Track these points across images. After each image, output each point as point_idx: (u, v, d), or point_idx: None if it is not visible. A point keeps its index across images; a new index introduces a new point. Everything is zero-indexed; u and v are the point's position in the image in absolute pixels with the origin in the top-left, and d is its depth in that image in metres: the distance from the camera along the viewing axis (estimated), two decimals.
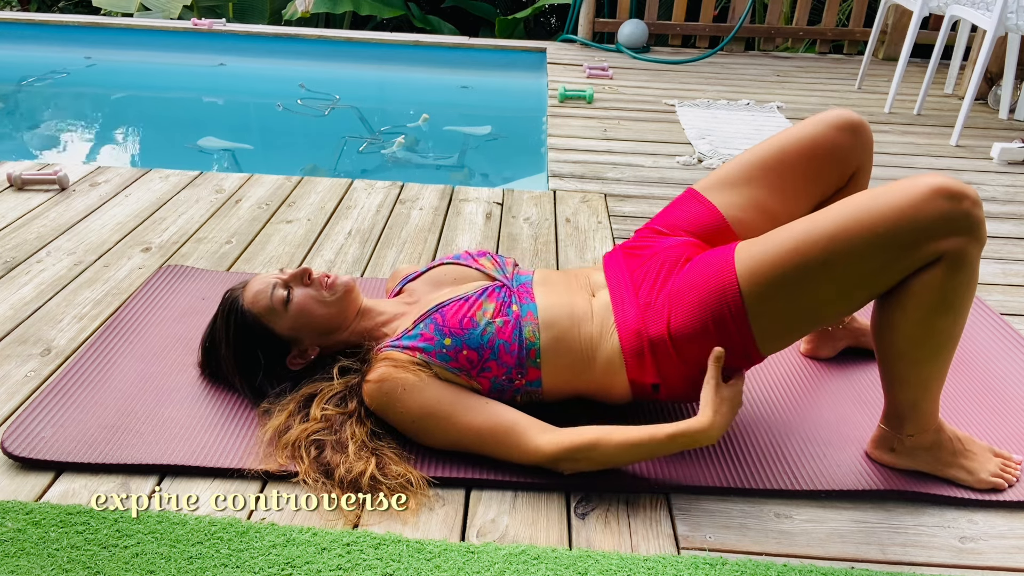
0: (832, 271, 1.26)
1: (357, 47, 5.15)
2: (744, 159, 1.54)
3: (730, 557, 1.24)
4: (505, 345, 1.40)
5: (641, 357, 1.39)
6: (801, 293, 1.29)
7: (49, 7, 6.53)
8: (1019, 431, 1.53)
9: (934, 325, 1.27)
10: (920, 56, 4.77)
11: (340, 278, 1.50)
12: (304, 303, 1.47)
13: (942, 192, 1.21)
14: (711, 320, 1.33)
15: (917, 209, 1.21)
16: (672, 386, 1.41)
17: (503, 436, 1.36)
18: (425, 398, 1.37)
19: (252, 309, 1.47)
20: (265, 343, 1.47)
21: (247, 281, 1.52)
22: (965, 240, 1.22)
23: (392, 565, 1.18)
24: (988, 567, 1.25)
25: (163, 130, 4.37)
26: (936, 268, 1.23)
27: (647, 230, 1.56)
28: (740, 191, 1.52)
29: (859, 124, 1.52)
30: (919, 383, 1.33)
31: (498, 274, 1.53)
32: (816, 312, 1.32)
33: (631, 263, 1.50)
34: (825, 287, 1.28)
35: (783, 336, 1.35)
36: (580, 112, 3.78)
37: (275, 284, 1.47)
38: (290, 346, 1.48)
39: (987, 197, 2.86)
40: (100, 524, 1.23)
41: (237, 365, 1.50)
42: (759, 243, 1.34)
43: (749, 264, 1.31)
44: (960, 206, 1.21)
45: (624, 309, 1.43)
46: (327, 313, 1.48)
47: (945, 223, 1.21)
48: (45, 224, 2.34)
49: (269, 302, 1.46)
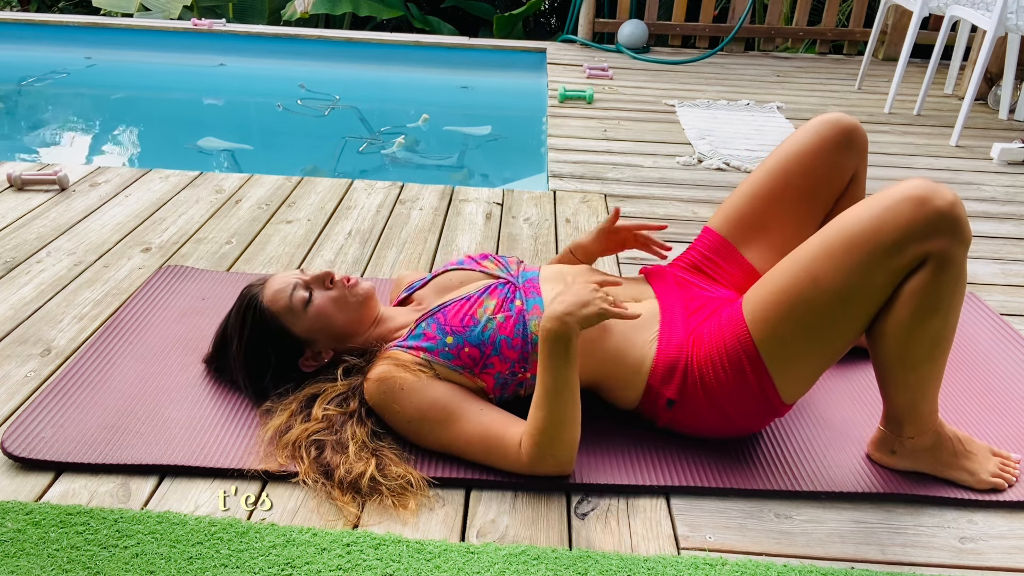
0: (825, 293, 1.27)
1: (357, 47, 5.16)
2: (750, 191, 1.58)
3: (730, 557, 1.24)
4: (507, 340, 1.40)
5: (672, 371, 1.41)
6: (805, 323, 1.30)
7: (49, 7, 6.53)
8: (1019, 431, 1.53)
9: (925, 327, 1.27)
10: (920, 56, 4.77)
11: (362, 284, 1.50)
12: (324, 307, 1.46)
13: (917, 196, 1.23)
14: (730, 367, 1.36)
15: (896, 215, 1.23)
16: (683, 411, 1.42)
17: (493, 445, 1.36)
18: (422, 399, 1.37)
19: (271, 307, 1.46)
20: (279, 342, 1.47)
21: (266, 279, 1.52)
22: (947, 240, 1.23)
23: (392, 565, 1.18)
24: (988, 567, 1.25)
25: (163, 130, 4.37)
26: (923, 271, 1.24)
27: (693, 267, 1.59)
28: (762, 241, 1.57)
29: (852, 129, 1.53)
30: (916, 385, 1.33)
31: (502, 273, 1.54)
32: (825, 340, 1.32)
33: (684, 292, 1.53)
34: (825, 312, 1.29)
35: (800, 375, 1.36)
36: (580, 112, 3.78)
37: (296, 284, 1.47)
38: (304, 348, 1.48)
39: (987, 197, 2.86)
40: (100, 524, 1.23)
41: (246, 362, 1.50)
42: (758, 288, 1.37)
43: (753, 307, 1.35)
44: (935, 207, 1.22)
45: (673, 322, 1.45)
46: (346, 320, 1.47)
47: (925, 225, 1.22)
48: (45, 224, 2.34)
49: (288, 302, 1.45)
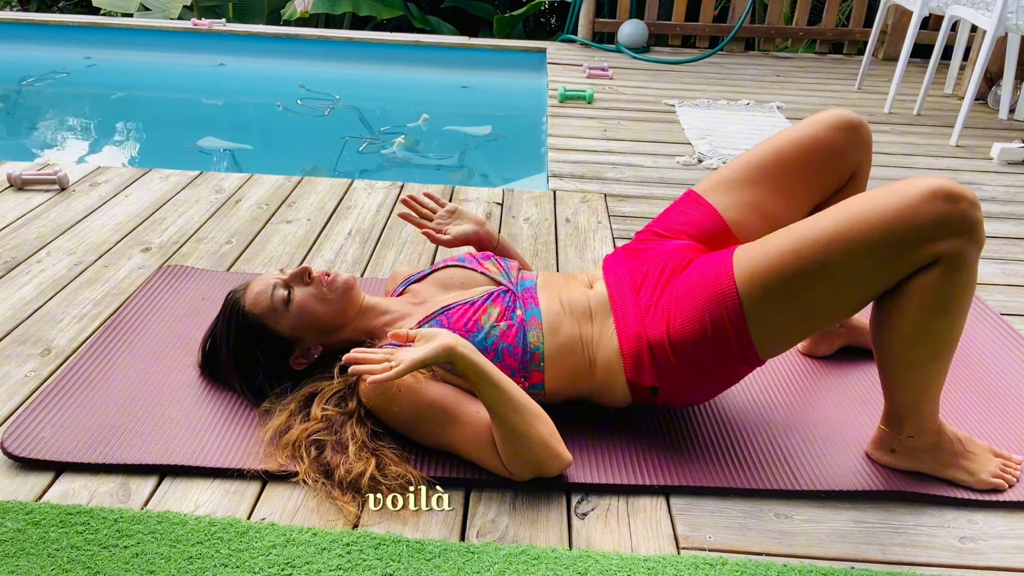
0: (829, 274, 1.26)
1: (357, 47, 5.15)
2: (743, 160, 1.54)
3: (730, 557, 1.24)
4: (509, 348, 1.40)
5: (640, 360, 1.39)
6: (799, 296, 1.29)
7: (49, 7, 6.53)
8: (1019, 431, 1.53)
9: (932, 327, 1.27)
10: (920, 56, 4.77)
11: (340, 276, 1.51)
12: (305, 302, 1.47)
13: (939, 194, 1.21)
14: (710, 325, 1.33)
15: (914, 211, 1.21)
16: (670, 390, 1.41)
17: (488, 445, 1.35)
18: (420, 400, 1.37)
19: (254, 311, 1.47)
20: (267, 344, 1.47)
21: (248, 283, 1.53)
22: (963, 242, 1.21)
23: (392, 565, 1.18)
24: (988, 567, 1.25)
25: (163, 130, 4.37)
26: (934, 270, 1.23)
27: (648, 232, 1.56)
28: (739, 193, 1.51)
29: (857, 123, 1.51)
30: (918, 385, 1.33)
31: (503, 278, 1.53)
32: (815, 315, 1.32)
33: (631, 263, 1.50)
34: (823, 290, 1.28)
35: (782, 340, 1.35)
36: (580, 112, 3.78)
37: (276, 284, 1.48)
38: (293, 347, 1.49)
39: (987, 197, 2.86)
40: (100, 524, 1.23)
41: (238, 367, 1.50)
42: (756, 247, 1.34)
43: (747, 268, 1.32)
44: (957, 207, 1.20)
45: (624, 311, 1.43)
46: (328, 311, 1.48)
47: (942, 225, 1.21)
48: (45, 224, 2.34)
49: (270, 303, 1.46)
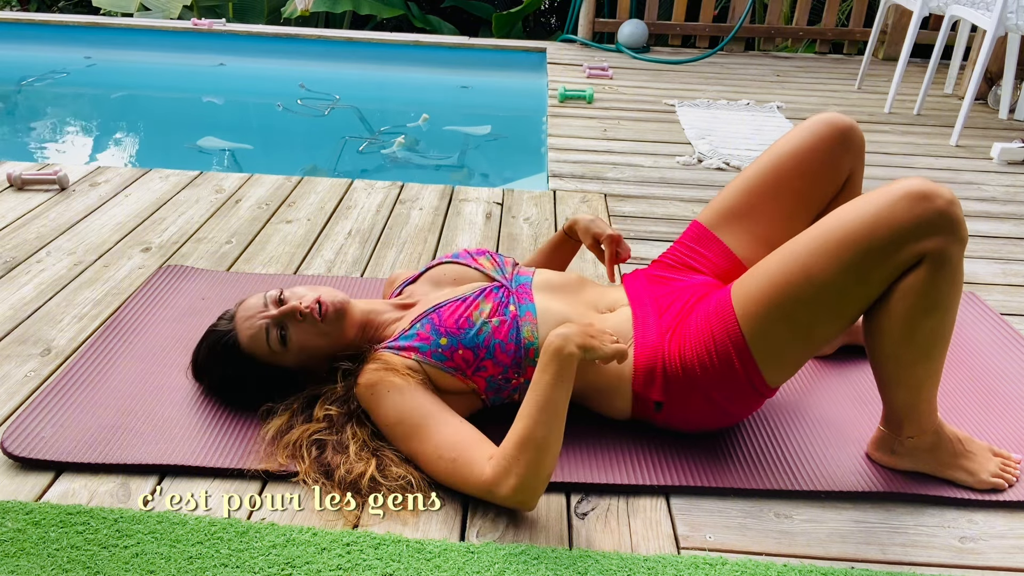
0: (819, 289, 1.27)
1: (357, 47, 5.15)
2: (742, 186, 1.57)
3: (730, 557, 1.24)
4: (501, 344, 1.40)
5: (652, 374, 1.40)
6: (794, 316, 1.30)
7: (49, 7, 6.53)
8: (1019, 431, 1.53)
9: (922, 326, 1.27)
10: (920, 56, 4.77)
11: (330, 304, 1.42)
12: (303, 341, 1.42)
13: (914, 195, 1.22)
14: (717, 358, 1.35)
15: (891, 214, 1.22)
16: (673, 410, 1.42)
17: (462, 456, 1.29)
18: (404, 402, 1.35)
19: (255, 352, 1.43)
20: (274, 379, 1.46)
21: (232, 320, 1.46)
22: (944, 239, 1.22)
23: (392, 565, 1.18)
24: (988, 567, 1.25)
25: (163, 130, 4.37)
26: (919, 270, 1.24)
27: (667, 265, 1.59)
28: (745, 224, 1.55)
29: (848, 129, 1.52)
30: (913, 384, 1.33)
31: (497, 274, 1.53)
32: (813, 332, 1.32)
33: (656, 289, 1.52)
34: (815, 306, 1.29)
35: (785, 362, 1.36)
36: (580, 112, 3.78)
37: (267, 327, 1.41)
38: (298, 375, 1.46)
39: (987, 197, 2.86)
40: (100, 524, 1.23)
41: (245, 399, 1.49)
42: (749, 277, 1.36)
43: (743, 297, 1.34)
44: (933, 205, 1.22)
45: (646, 326, 1.44)
46: (329, 342, 1.44)
47: (921, 225, 1.22)
48: (45, 224, 2.34)
49: (268, 347, 1.41)
